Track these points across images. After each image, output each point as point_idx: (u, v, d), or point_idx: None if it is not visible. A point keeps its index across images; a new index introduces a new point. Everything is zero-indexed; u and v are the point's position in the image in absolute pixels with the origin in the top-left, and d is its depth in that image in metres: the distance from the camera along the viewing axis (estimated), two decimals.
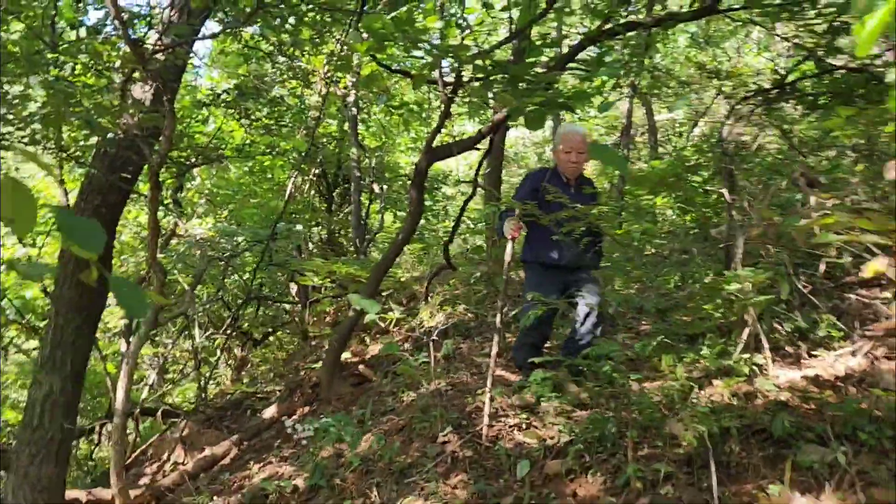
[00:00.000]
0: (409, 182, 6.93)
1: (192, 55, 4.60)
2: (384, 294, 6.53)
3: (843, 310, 3.63)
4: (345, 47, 4.75)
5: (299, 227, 6.82)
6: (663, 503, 2.37)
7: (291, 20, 4.85)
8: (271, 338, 8.94)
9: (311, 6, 3.98)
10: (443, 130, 7.28)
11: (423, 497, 2.75)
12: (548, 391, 3.27)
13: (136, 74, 3.59)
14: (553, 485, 2.71)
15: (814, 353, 3.41)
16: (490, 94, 3.71)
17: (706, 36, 10.29)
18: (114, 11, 2.76)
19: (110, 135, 3.77)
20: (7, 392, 8.94)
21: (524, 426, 3.21)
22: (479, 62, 3.85)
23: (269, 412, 5.24)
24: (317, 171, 10.09)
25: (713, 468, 2.38)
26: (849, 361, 3.27)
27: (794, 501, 2.27)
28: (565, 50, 5.26)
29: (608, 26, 4.61)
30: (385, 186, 10.92)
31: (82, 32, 4.85)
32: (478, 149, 5.17)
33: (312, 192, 10.60)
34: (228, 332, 7.54)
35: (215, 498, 3.74)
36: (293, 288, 9.10)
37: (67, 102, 3.16)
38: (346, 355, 5.20)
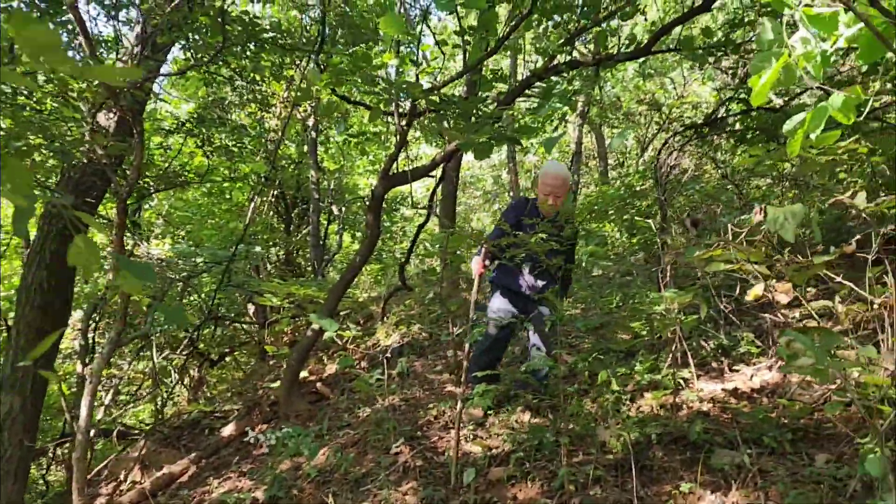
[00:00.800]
0: (367, 204, 7.15)
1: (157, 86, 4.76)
2: (342, 314, 6.71)
3: (761, 328, 3.98)
4: (304, 80, 4.96)
5: (258, 248, 6.96)
6: (592, 502, 2.63)
7: (252, 48, 5.06)
8: (229, 358, 8.99)
9: (270, 40, 4.19)
10: (400, 156, 7.54)
11: (376, 502, 2.96)
12: (489, 402, 3.51)
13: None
14: (496, 490, 2.95)
15: (734, 367, 3.74)
16: (440, 128, 3.98)
17: (653, 68, 10.84)
18: (87, 49, 2.94)
19: (75, 161, 3.92)
20: None
21: (471, 437, 3.45)
22: (431, 97, 4.14)
23: (228, 430, 5.35)
24: (276, 193, 10.24)
25: (634, 472, 2.65)
26: (764, 375, 3.62)
27: (704, 499, 2.56)
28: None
29: (553, 63, 4.97)
30: (343, 208, 11.13)
31: None
32: (432, 176, 5.44)
33: (271, 212, 10.73)
34: (186, 352, 7.60)
35: None
36: (251, 308, 9.20)
37: (36, 131, 3.32)
38: (304, 374, 5.36)
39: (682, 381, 3.62)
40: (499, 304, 3.90)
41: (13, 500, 4.15)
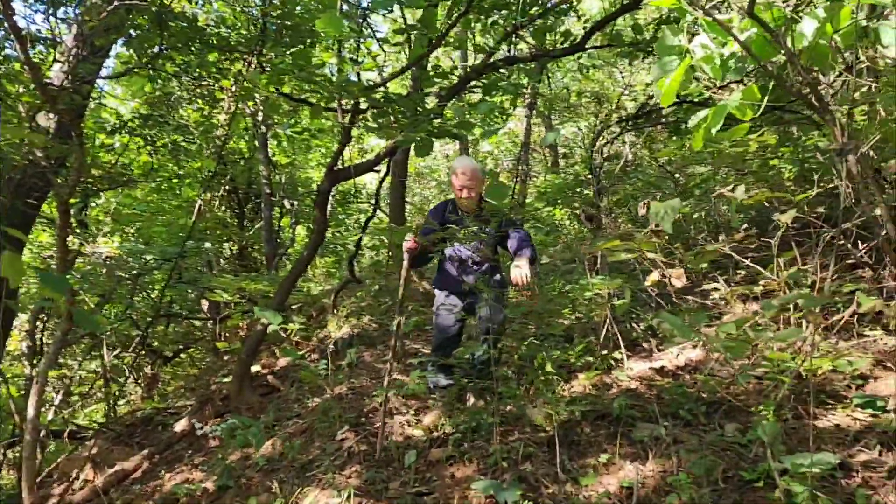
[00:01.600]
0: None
1: (96, 88, 4.77)
2: (294, 307, 6.80)
3: (687, 310, 4.22)
4: (245, 78, 5.02)
5: (208, 244, 6.98)
6: (522, 476, 2.82)
7: (196, 44, 5.09)
8: (183, 355, 8.98)
9: (212, 38, 4.24)
10: (348, 150, 7.60)
11: (321, 487, 3.10)
12: (423, 387, 3.69)
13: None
14: (435, 470, 3.12)
15: (661, 347, 3.98)
16: (380, 127, 4.11)
17: (602, 59, 11.10)
18: (21, 54, 2.98)
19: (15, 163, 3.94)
20: None
21: (414, 422, 3.62)
22: (372, 95, 4.26)
23: (181, 425, 5.41)
24: (227, 188, 10.21)
25: (559, 447, 2.85)
26: (689, 354, 3.86)
27: (624, 469, 2.77)
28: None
29: (491, 60, 5.13)
30: (296, 202, 11.15)
31: None
32: (377, 170, 5.56)
33: (224, 208, 10.70)
34: (138, 350, 7.58)
35: None
36: (204, 305, 9.19)
37: None
38: (256, 368, 5.45)
39: (613, 362, 3.84)
40: (442, 300, 3.96)
41: None
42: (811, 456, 2.37)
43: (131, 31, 3.70)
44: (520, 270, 3.44)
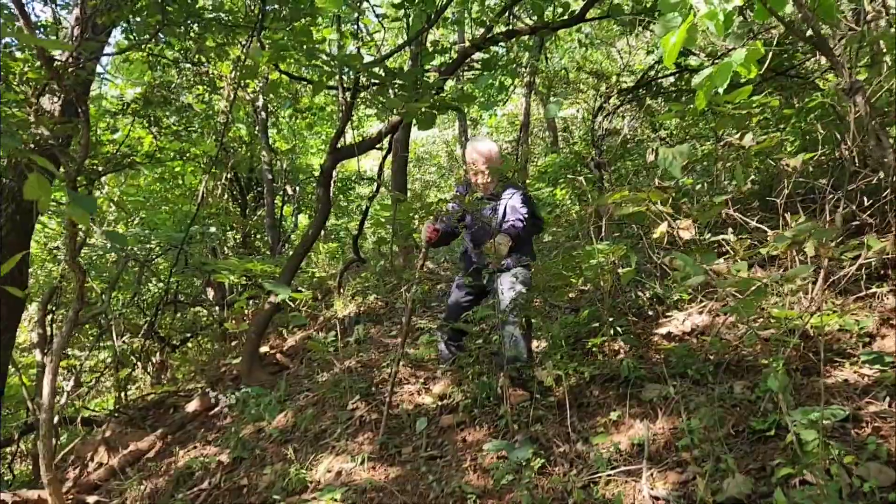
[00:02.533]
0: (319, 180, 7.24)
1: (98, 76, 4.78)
2: (300, 288, 6.83)
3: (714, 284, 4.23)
4: (247, 58, 5.02)
5: (213, 229, 7.00)
6: (533, 437, 2.85)
7: (196, 28, 5.08)
8: (191, 343, 9.03)
9: (212, 20, 4.25)
10: (353, 132, 7.60)
11: (335, 454, 3.14)
12: (433, 351, 3.69)
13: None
14: (446, 435, 3.16)
15: (668, 314, 4.00)
16: (383, 99, 4.12)
17: (598, 38, 11.05)
18: (26, 27, 2.99)
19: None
20: None
21: (423, 391, 3.65)
22: (374, 69, 4.27)
23: (192, 406, 5.46)
24: (229, 176, 10.23)
25: (568, 408, 2.88)
26: (695, 319, 3.88)
27: (634, 427, 2.80)
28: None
29: (491, 34, 5.12)
30: (298, 188, 11.17)
31: None
32: (380, 148, 5.57)
33: (226, 195, 10.72)
34: (146, 336, 7.63)
35: (144, 482, 3.99)
36: (210, 292, 9.23)
37: None
38: (265, 349, 5.49)
39: (619, 329, 3.86)
40: (456, 288, 3.91)
41: None
42: (821, 409, 2.40)
43: (132, 12, 3.70)
44: (502, 238, 3.42)
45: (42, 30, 5.20)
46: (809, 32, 2.31)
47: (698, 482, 2.27)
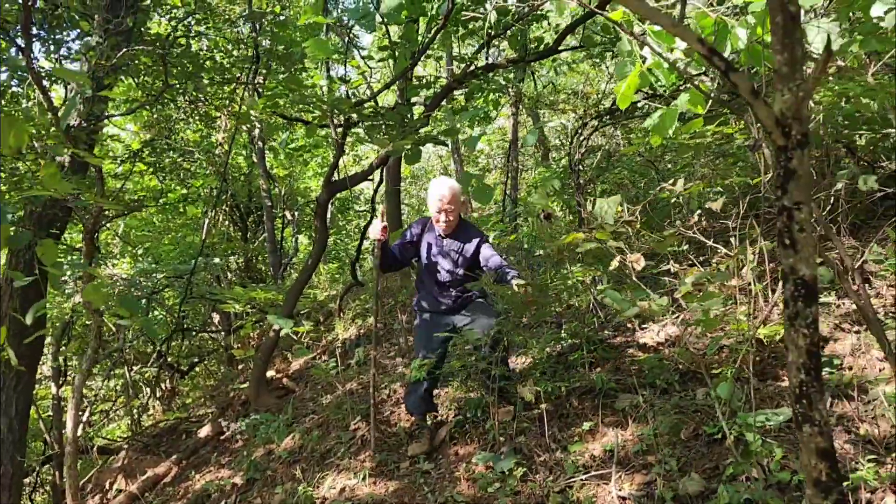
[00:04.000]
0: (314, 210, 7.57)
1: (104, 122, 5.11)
2: (302, 313, 7.14)
3: (664, 291, 4.55)
4: (243, 103, 5.35)
5: (217, 259, 7.33)
6: (517, 448, 3.16)
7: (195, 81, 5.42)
8: (198, 368, 9.35)
9: (213, 76, 4.58)
10: (343, 159, 7.92)
11: (339, 471, 3.44)
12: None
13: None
14: (440, 449, 3.46)
15: (643, 326, 4.30)
16: (371, 138, 4.44)
17: (578, 55, 11.42)
18: (45, 102, 3.31)
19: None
20: None
21: None
22: (361, 110, 4.59)
23: (204, 431, 5.76)
24: (229, 203, 10.57)
25: (546, 420, 3.19)
26: (669, 330, 4.19)
27: (607, 435, 3.10)
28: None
29: (471, 68, 5.45)
30: (297, 212, 11.50)
31: None
32: (371, 179, 5.90)
33: (227, 223, 11.06)
34: (157, 365, 7.95)
35: None
36: (216, 318, 9.56)
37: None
38: (271, 373, 5.79)
39: (599, 342, 4.17)
40: (425, 332, 3.68)
41: None
42: (766, 412, 2.71)
43: (135, 74, 4.03)
44: (519, 280, 3.43)
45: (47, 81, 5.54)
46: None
47: (658, 483, 2.58)
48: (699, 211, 3.01)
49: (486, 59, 5.47)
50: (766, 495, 2.24)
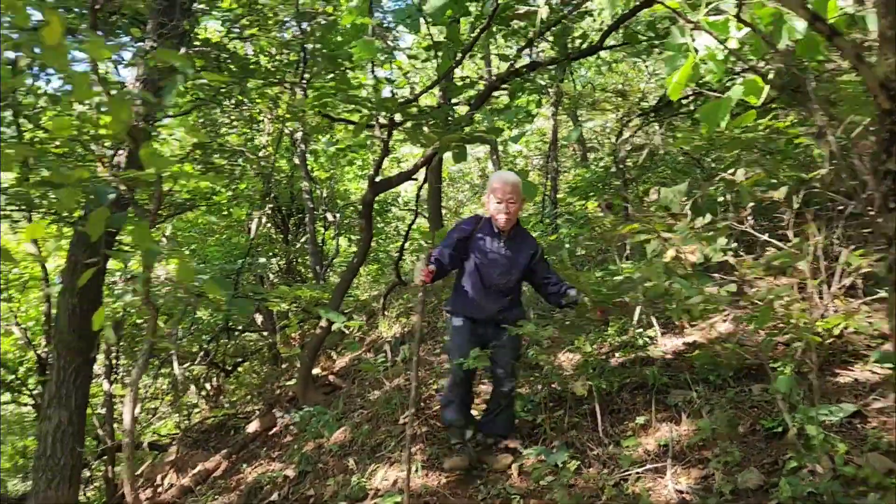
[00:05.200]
0: (359, 208, 7.66)
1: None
2: (345, 312, 7.22)
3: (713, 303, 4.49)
4: (292, 103, 5.45)
5: (262, 259, 7.47)
6: (569, 442, 3.16)
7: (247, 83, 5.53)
8: (241, 368, 9.53)
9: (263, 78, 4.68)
10: (386, 160, 8.01)
11: (390, 464, 3.48)
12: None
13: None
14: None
15: (693, 323, 4.25)
16: (417, 136, 4.48)
17: (618, 54, 11.33)
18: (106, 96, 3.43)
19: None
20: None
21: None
22: (407, 109, 4.65)
23: (253, 427, 5.87)
24: (271, 205, 10.75)
25: (599, 415, 3.18)
26: (719, 327, 4.14)
27: (660, 430, 3.08)
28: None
29: (515, 67, 5.46)
30: (338, 214, 11.63)
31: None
32: (415, 179, 5.95)
33: (269, 225, 11.24)
34: (206, 364, 8.13)
35: (217, 497, 4.38)
36: (258, 319, 9.72)
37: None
38: (316, 371, 5.88)
39: (647, 340, 4.14)
40: (459, 339, 3.44)
41: (69, 501, 4.66)
42: (828, 406, 2.67)
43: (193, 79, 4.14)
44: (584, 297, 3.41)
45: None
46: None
47: (717, 476, 2.55)
48: (752, 204, 2.98)
49: (529, 57, 5.47)
50: (831, 487, 2.20)
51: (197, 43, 5.07)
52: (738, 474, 2.53)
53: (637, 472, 2.78)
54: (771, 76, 3.52)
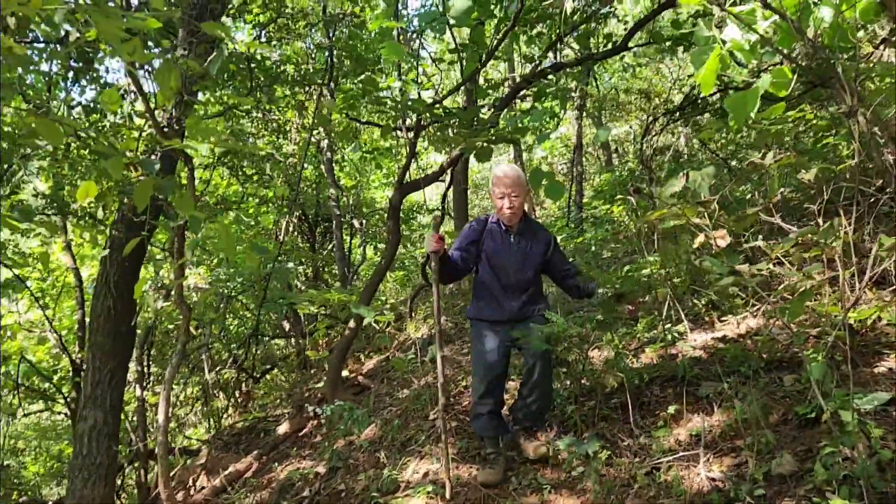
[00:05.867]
0: (385, 215, 7.74)
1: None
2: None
3: (743, 283, 4.46)
4: (321, 106, 5.55)
5: (291, 264, 7.57)
6: (600, 433, 3.16)
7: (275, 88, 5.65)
8: (269, 375, 9.64)
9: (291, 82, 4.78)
10: (412, 166, 8.09)
11: (421, 457, 3.50)
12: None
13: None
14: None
15: (723, 319, 4.23)
16: (444, 137, 4.54)
17: (647, 55, 11.33)
18: (146, 108, 3.53)
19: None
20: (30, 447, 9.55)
21: None
22: (434, 111, 4.70)
23: (282, 429, 5.93)
24: (298, 213, 10.89)
25: (630, 406, 3.17)
26: (749, 322, 4.11)
27: (692, 420, 3.07)
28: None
29: (540, 68, 5.50)
30: (364, 221, 11.75)
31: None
32: (442, 181, 6.00)
33: (295, 233, 11.38)
34: (237, 369, 8.24)
35: (250, 495, 4.44)
36: (285, 325, 9.84)
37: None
38: (345, 373, 5.93)
39: (677, 335, 4.12)
40: (482, 346, 3.40)
41: (105, 500, 4.76)
42: (863, 392, 2.64)
43: (223, 83, 4.25)
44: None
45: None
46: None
47: (750, 464, 2.54)
48: (781, 189, 2.97)
49: (555, 57, 5.51)
50: (868, 471, 2.18)
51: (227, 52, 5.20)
52: (771, 461, 2.52)
53: (669, 462, 2.78)
54: (801, 62, 3.51)
